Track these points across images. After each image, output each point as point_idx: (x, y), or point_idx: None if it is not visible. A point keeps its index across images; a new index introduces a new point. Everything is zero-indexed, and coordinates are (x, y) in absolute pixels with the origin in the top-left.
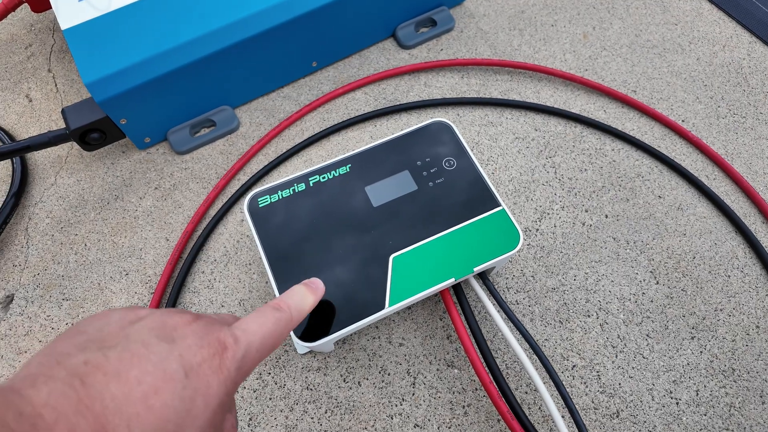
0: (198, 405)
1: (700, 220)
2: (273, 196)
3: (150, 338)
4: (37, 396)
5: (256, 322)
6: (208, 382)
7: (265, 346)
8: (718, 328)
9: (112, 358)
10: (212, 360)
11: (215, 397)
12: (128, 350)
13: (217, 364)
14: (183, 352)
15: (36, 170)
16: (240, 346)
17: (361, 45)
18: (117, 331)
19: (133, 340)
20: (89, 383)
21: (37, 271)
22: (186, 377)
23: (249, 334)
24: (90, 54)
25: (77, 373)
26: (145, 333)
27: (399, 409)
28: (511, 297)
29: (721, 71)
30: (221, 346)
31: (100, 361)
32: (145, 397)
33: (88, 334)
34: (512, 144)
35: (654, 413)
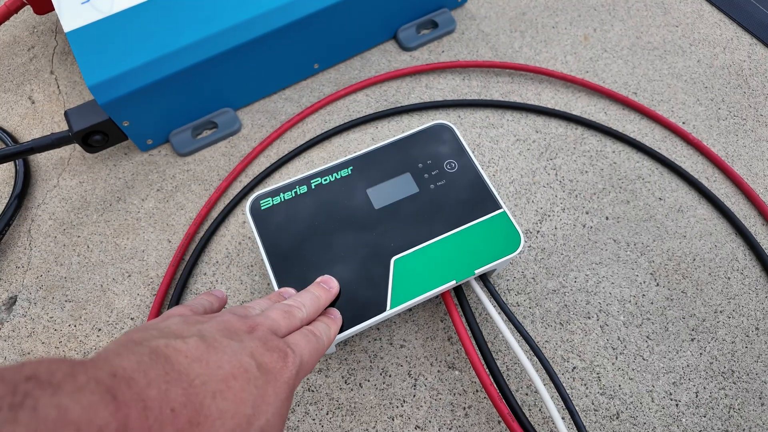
0: (269, 394)
1: (701, 222)
2: (275, 198)
3: (220, 336)
4: (127, 363)
5: (303, 340)
6: (276, 378)
7: (312, 361)
8: (718, 329)
9: (191, 344)
10: (278, 362)
11: (283, 390)
12: (204, 341)
13: (281, 366)
14: (253, 351)
15: (39, 172)
16: (297, 356)
17: (362, 47)
18: (187, 327)
19: (206, 334)
20: (173, 361)
21: (39, 272)
22: (258, 370)
23: (300, 347)
24: (93, 56)
25: (161, 352)
26: (214, 331)
27: (400, 411)
28: (511, 299)
29: (722, 73)
30: (283, 353)
31: (180, 345)
32: (226, 378)
33: (158, 329)
34: (513, 146)
35: (654, 415)
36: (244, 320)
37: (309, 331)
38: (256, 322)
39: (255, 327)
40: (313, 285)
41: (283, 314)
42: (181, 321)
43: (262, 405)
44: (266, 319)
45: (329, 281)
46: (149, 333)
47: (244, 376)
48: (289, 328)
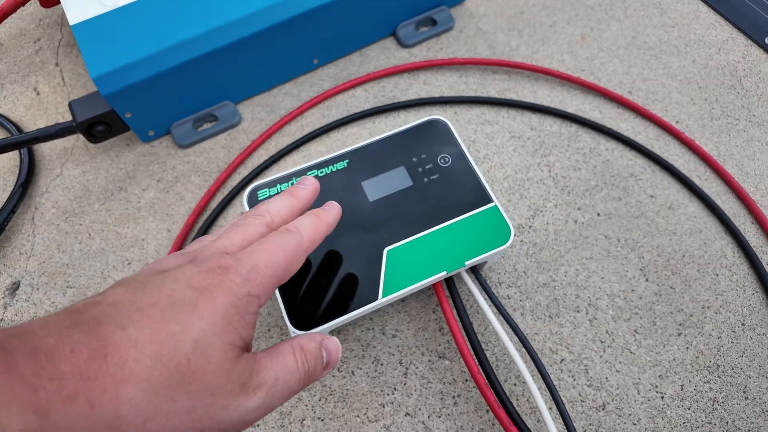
0: (201, 307)
1: (691, 219)
2: (272, 189)
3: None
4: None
5: (261, 245)
6: (211, 293)
7: (274, 261)
8: (705, 325)
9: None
10: (214, 277)
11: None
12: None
13: (219, 279)
14: (179, 277)
15: (43, 161)
16: (244, 265)
17: (361, 43)
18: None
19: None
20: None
21: (42, 259)
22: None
23: (254, 254)
24: (97, 49)
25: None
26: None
27: (391, 398)
28: (502, 291)
29: (716, 74)
30: (222, 268)
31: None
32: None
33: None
34: (508, 142)
35: (639, 406)
36: (185, 254)
37: (276, 232)
38: (199, 251)
39: (194, 256)
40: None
41: (236, 229)
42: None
43: (191, 319)
44: (214, 243)
45: (305, 179)
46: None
47: (166, 301)
48: (247, 240)
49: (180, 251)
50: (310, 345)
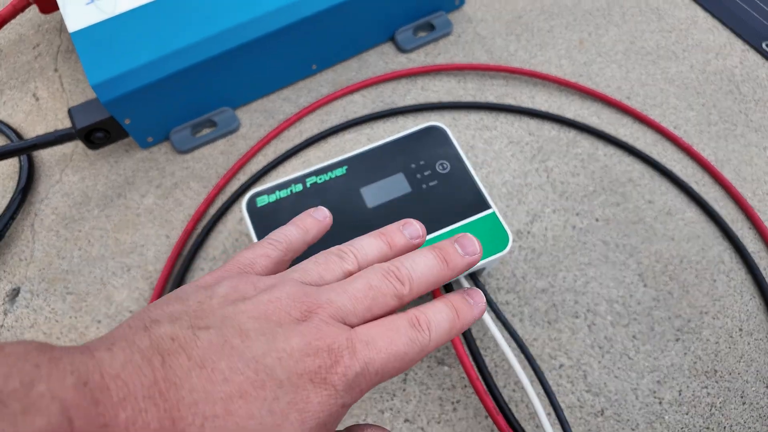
0: (291, 422)
1: (689, 225)
2: (271, 196)
3: (249, 328)
4: (110, 363)
5: (384, 337)
6: (308, 397)
7: (386, 369)
8: (703, 330)
9: (204, 340)
10: (317, 372)
11: (314, 417)
12: (221, 336)
13: (321, 379)
14: (283, 355)
15: (42, 168)
16: (356, 363)
17: (360, 48)
18: (216, 309)
19: (230, 324)
20: (170, 364)
21: (42, 265)
22: (280, 386)
23: (372, 350)
24: (96, 56)
25: (161, 349)
26: (245, 320)
27: (390, 404)
28: (501, 297)
29: (714, 79)
30: (333, 359)
31: (188, 340)
32: (229, 398)
33: (186, 303)
34: (506, 148)
35: (638, 412)
36: (304, 299)
37: (405, 319)
38: (319, 301)
39: (312, 311)
40: (444, 243)
41: (367, 288)
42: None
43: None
44: (338, 297)
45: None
46: (172, 309)
47: (257, 396)
48: (372, 310)
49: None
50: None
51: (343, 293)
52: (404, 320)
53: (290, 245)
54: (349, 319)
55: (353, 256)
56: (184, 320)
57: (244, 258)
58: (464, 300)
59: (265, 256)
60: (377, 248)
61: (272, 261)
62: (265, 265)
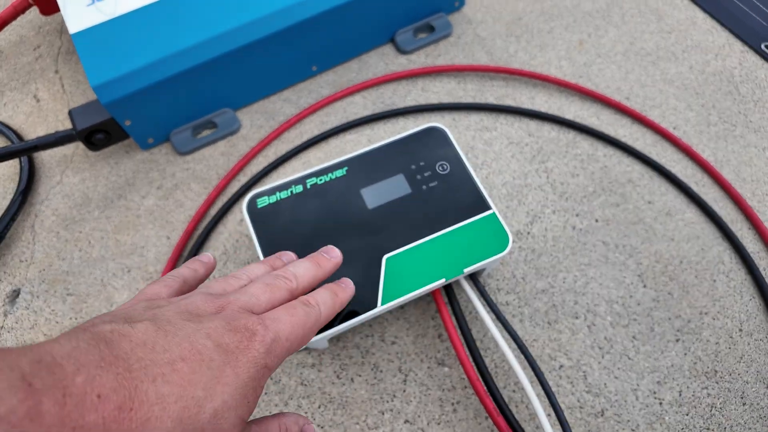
0: (227, 374)
1: (689, 225)
2: (271, 197)
3: (177, 318)
4: (58, 348)
5: (286, 314)
6: (236, 359)
7: (294, 336)
8: (703, 331)
9: (139, 329)
10: (241, 341)
11: (245, 370)
12: (156, 324)
13: (245, 346)
14: (211, 331)
15: (42, 169)
16: (269, 332)
17: (360, 50)
18: (143, 312)
19: (160, 318)
20: (114, 346)
21: (42, 266)
22: (213, 352)
23: (279, 323)
24: (97, 58)
25: (102, 337)
26: (171, 315)
27: (390, 405)
28: (501, 298)
29: (713, 79)
30: (249, 332)
31: (126, 330)
32: (172, 361)
33: (114, 315)
34: (506, 149)
35: (638, 413)
36: (214, 300)
37: (299, 302)
38: (228, 300)
39: (224, 306)
40: (314, 254)
41: (264, 287)
42: (143, 306)
43: (216, 386)
44: (242, 296)
45: (331, 251)
46: (101, 319)
47: (196, 358)
48: (271, 302)
49: (206, 290)
50: (294, 428)
51: (246, 293)
52: (298, 301)
53: (186, 280)
54: (256, 309)
55: (245, 275)
56: (119, 320)
57: (149, 290)
58: (337, 285)
59: (167, 287)
60: (263, 269)
61: (173, 291)
62: (168, 294)
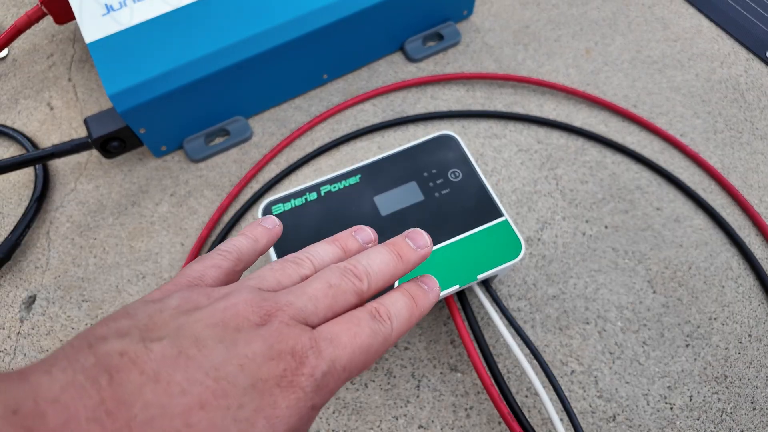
0: (258, 429)
1: (697, 231)
2: (286, 204)
3: (206, 336)
4: (48, 387)
5: (348, 333)
6: (275, 402)
7: (353, 364)
8: (712, 336)
9: (156, 352)
10: (282, 377)
11: (283, 422)
12: (176, 346)
13: (288, 382)
14: (245, 362)
15: (57, 176)
16: (322, 362)
17: (370, 58)
18: (168, 321)
19: (185, 334)
20: (119, 382)
21: (58, 273)
22: (244, 394)
23: (337, 347)
24: (113, 67)
25: (108, 366)
26: (201, 329)
27: (404, 411)
28: (512, 304)
29: (719, 87)
30: (297, 360)
31: (139, 354)
32: (189, 411)
33: (135, 318)
34: (515, 156)
35: (649, 417)
36: (262, 303)
37: (367, 314)
38: (278, 305)
39: (272, 314)
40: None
41: (327, 289)
42: (175, 303)
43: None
44: (298, 299)
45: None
46: (119, 325)
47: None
48: (333, 309)
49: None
50: None
51: (303, 294)
52: (365, 313)
53: (241, 255)
54: (311, 319)
55: (309, 261)
56: (134, 334)
57: (193, 270)
58: (419, 286)
59: (215, 267)
60: (332, 252)
61: (223, 272)
62: (215, 277)
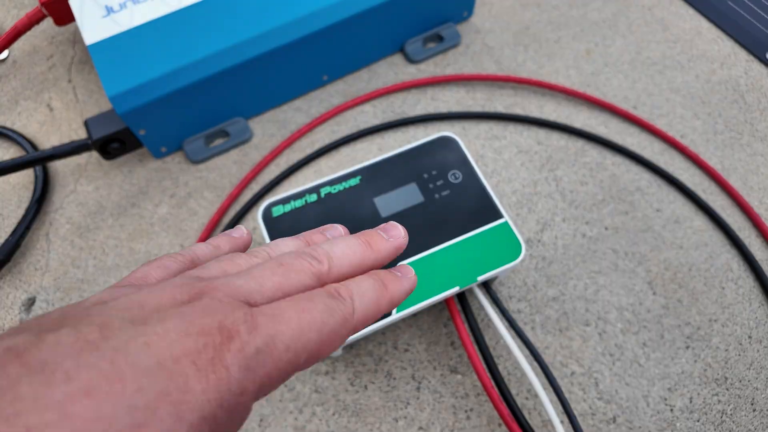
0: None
1: (697, 233)
2: (286, 205)
3: (113, 320)
4: None
5: (295, 307)
6: (186, 385)
7: (301, 344)
8: (712, 338)
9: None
10: (201, 353)
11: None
12: (72, 334)
13: (208, 359)
14: (154, 339)
15: (57, 178)
16: (257, 337)
17: (370, 59)
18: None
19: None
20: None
21: (57, 274)
22: (145, 375)
23: (279, 322)
24: (113, 68)
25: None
26: (112, 312)
27: (404, 413)
28: (513, 306)
29: (719, 88)
30: (224, 335)
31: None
32: (69, 400)
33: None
34: (516, 157)
35: (649, 419)
36: (195, 283)
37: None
38: (213, 285)
39: (203, 293)
40: (367, 230)
41: (276, 268)
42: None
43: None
44: (238, 278)
45: (391, 228)
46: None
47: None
48: (282, 289)
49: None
50: None
51: (246, 274)
52: (320, 290)
53: (195, 259)
54: (254, 297)
55: (265, 253)
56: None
57: (138, 271)
58: (390, 272)
59: (161, 267)
60: (293, 245)
61: (170, 272)
62: (160, 276)
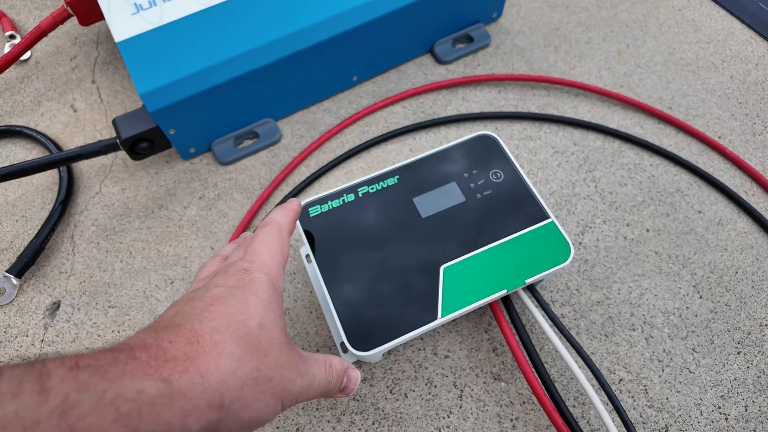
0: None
1: (741, 235)
2: (323, 206)
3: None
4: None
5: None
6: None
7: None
8: (764, 343)
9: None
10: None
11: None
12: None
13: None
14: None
15: (81, 179)
16: (254, 263)
17: (399, 60)
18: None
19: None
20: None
21: (83, 278)
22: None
23: (257, 254)
24: (144, 66)
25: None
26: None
27: (447, 422)
28: (556, 310)
29: (755, 89)
30: (243, 269)
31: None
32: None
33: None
34: (552, 158)
35: (703, 428)
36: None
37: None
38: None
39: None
40: None
41: (236, 246)
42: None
43: (249, 309)
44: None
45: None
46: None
47: (221, 299)
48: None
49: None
50: (338, 366)
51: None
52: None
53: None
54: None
55: None
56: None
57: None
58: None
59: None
60: None
61: None
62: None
